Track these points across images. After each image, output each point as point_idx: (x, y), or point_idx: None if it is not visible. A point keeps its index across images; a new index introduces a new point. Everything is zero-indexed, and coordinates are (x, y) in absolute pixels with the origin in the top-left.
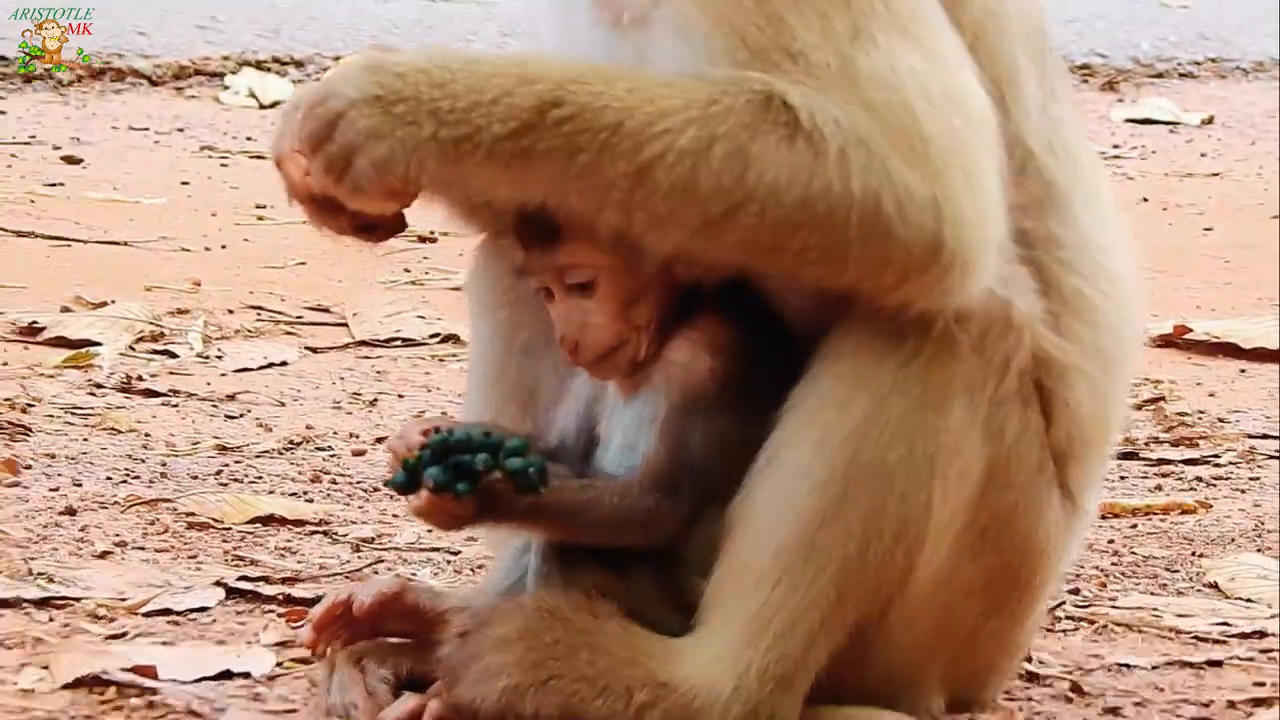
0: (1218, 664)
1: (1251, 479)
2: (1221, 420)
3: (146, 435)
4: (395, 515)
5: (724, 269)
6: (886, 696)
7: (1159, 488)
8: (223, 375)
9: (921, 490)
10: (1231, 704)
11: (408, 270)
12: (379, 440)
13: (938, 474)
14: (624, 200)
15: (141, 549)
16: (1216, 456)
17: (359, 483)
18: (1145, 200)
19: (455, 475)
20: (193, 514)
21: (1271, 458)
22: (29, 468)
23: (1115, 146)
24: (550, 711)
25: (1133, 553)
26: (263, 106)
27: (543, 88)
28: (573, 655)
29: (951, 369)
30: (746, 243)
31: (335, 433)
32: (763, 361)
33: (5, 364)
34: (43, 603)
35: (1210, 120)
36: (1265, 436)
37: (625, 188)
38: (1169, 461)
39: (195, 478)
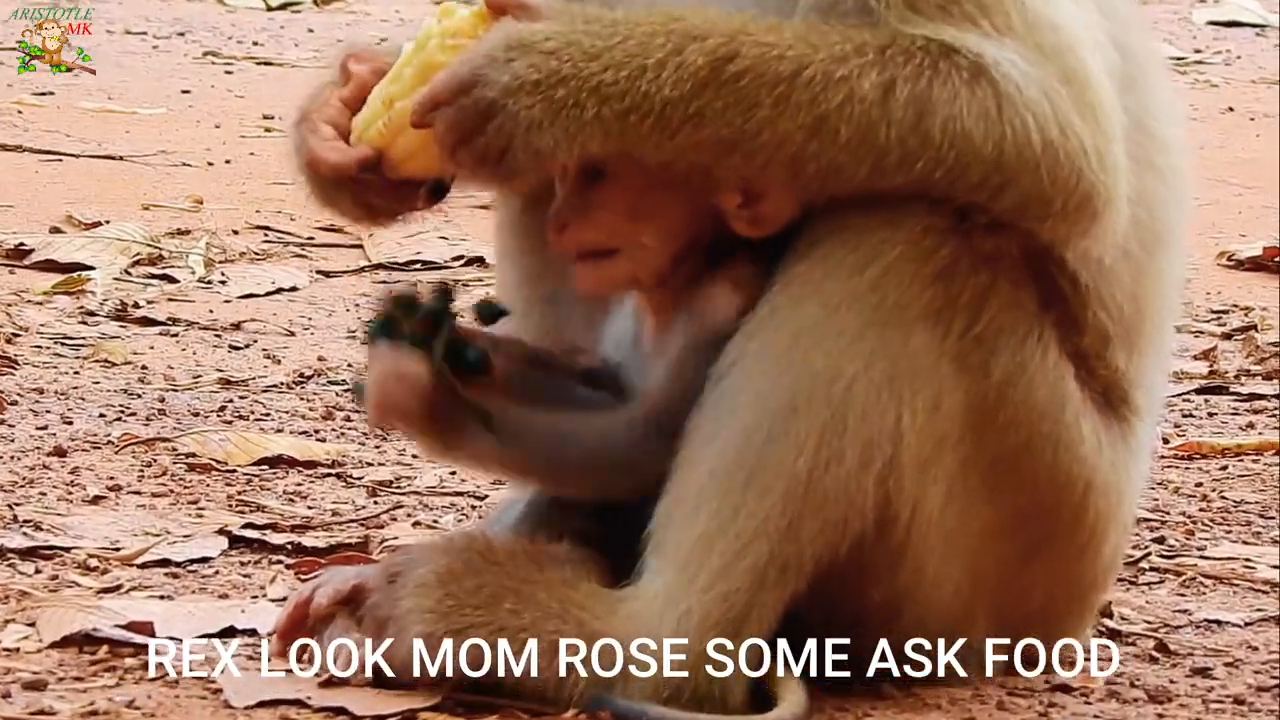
0: None
1: None
2: None
3: (143, 368)
4: (415, 456)
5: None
6: (931, 649)
7: (1250, 425)
8: (226, 302)
9: (885, 413)
10: None
11: None
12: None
13: (904, 399)
14: (797, 154)
15: (137, 493)
16: None
17: None
18: (1230, 110)
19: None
20: (193, 455)
21: None
22: (14, 404)
23: (1197, 51)
24: (464, 664)
25: (1223, 498)
26: (270, 8)
27: (715, 42)
28: (495, 604)
29: (910, 290)
30: (912, 183)
31: (350, 365)
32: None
33: None
34: (29, 553)
35: None
36: None
37: (800, 140)
38: (1261, 396)
39: (196, 415)
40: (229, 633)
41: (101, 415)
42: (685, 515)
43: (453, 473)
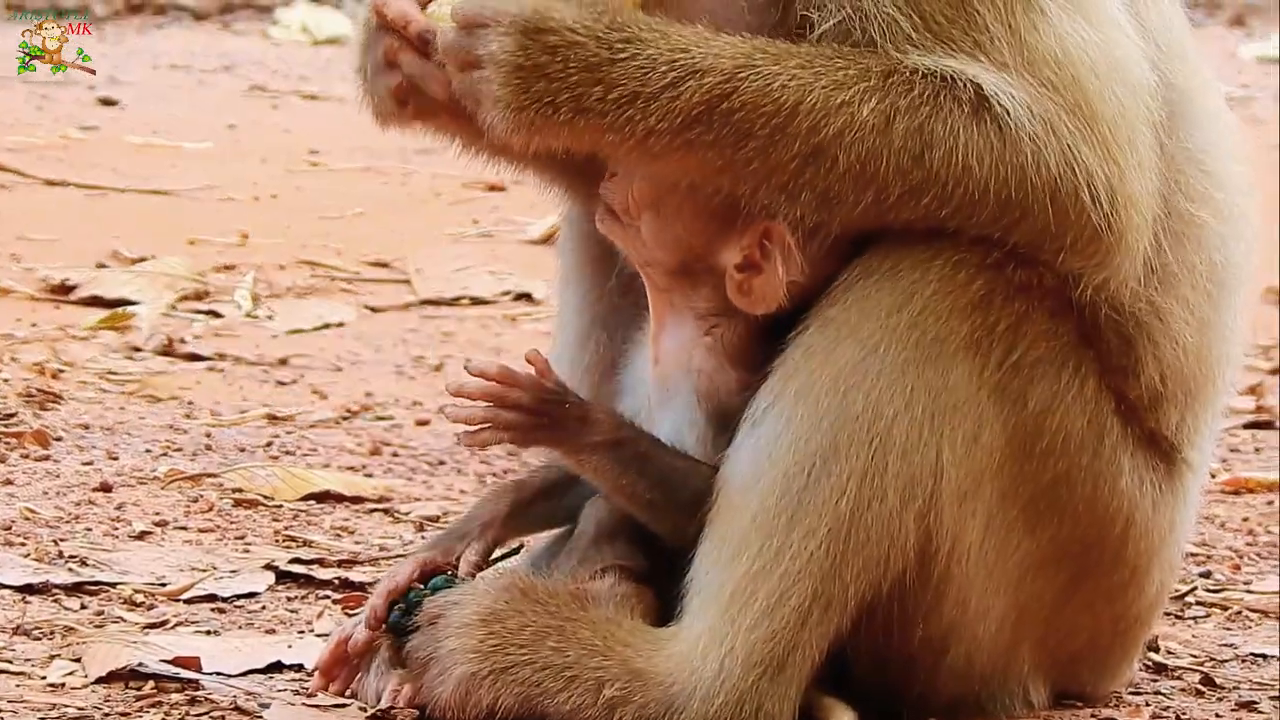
0: None
1: None
2: None
3: (189, 403)
4: (463, 491)
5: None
6: (976, 686)
7: None
8: (273, 337)
9: (926, 449)
10: None
11: (476, 221)
12: (445, 409)
13: (944, 434)
14: (789, 181)
15: (183, 529)
16: None
17: (423, 455)
18: (1278, 146)
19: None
20: (240, 490)
21: None
22: (60, 439)
23: (1244, 87)
24: (509, 703)
25: (1269, 532)
26: (316, 43)
27: (714, 80)
28: (539, 642)
29: (948, 324)
30: (923, 219)
31: (397, 400)
32: None
33: (35, 325)
34: (74, 588)
35: None
36: None
37: (794, 169)
38: None
39: (243, 450)
40: (276, 668)
41: (147, 451)
42: (728, 556)
43: None
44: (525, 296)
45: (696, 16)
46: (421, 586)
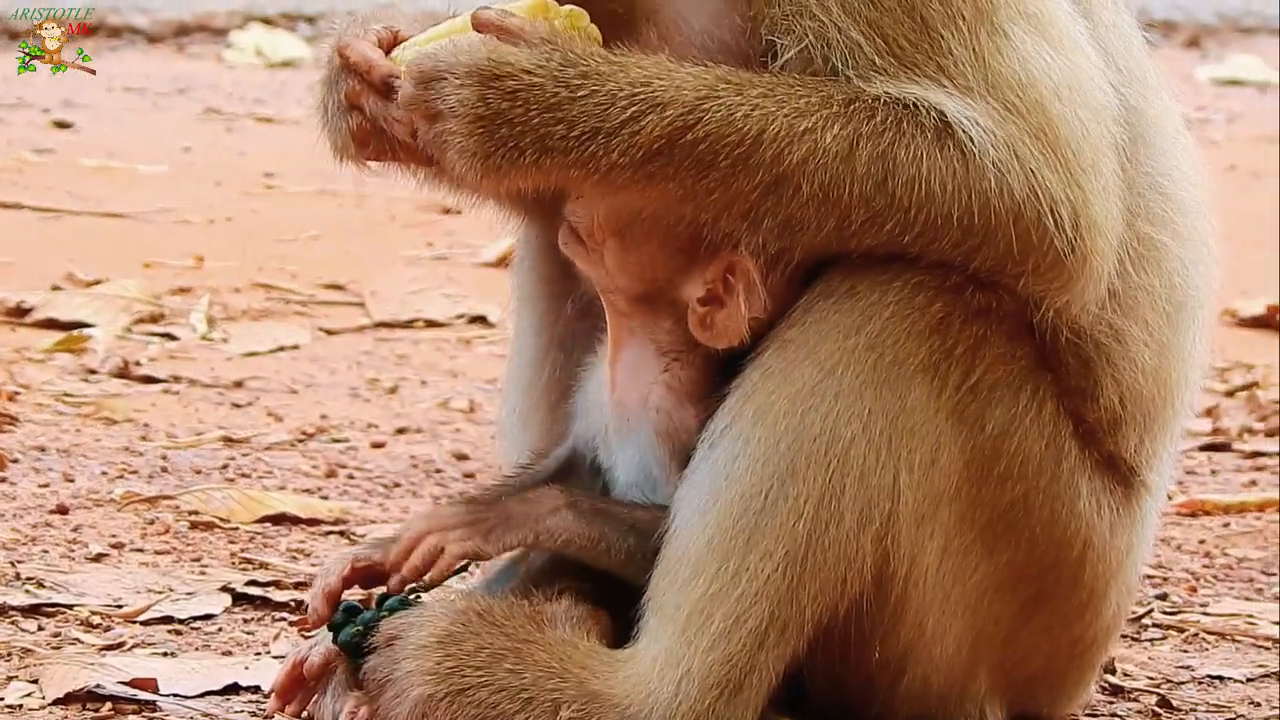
0: None
1: None
2: None
3: (145, 426)
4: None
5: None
6: (933, 708)
7: (1253, 483)
8: (228, 360)
9: (884, 472)
10: None
11: (431, 244)
12: (400, 431)
13: (902, 457)
14: (752, 209)
15: (140, 551)
16: None
17: (378, 478)
18: (1233, 168)
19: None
20: (196, 512)
21: None
22: (16, 461)
23: (1199, 109)
24: None
25: (1225, 554)
26: (270, 66)
27: (675, 112)
28: (495, 664)
29: (906, 347)
30: (885, 245)
31: (352, 423)
32: None
33: None
34: (31, 610)
35: None
36: None
37: (755, 197)
38: (1264, 454)
39: (199, 472)
40: (232, 690)
41: (104, 473)
42: (685, 578)
43: None
44: (480, 319)
45: (659, 41)
46: (377, 608)
